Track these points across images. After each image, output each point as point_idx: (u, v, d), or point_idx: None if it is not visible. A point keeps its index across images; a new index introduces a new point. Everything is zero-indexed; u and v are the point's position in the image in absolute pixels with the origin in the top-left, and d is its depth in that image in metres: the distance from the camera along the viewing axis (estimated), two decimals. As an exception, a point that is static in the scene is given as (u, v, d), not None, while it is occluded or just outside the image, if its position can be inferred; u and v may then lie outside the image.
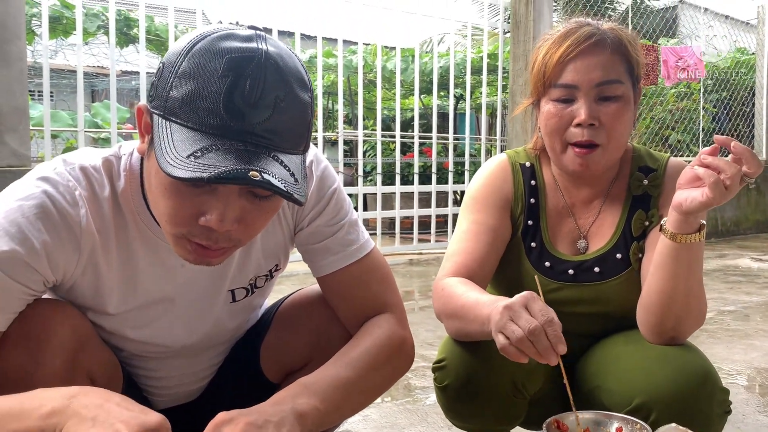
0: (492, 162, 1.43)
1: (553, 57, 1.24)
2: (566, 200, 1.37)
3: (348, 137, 7.06)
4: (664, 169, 1.35)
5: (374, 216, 5.40)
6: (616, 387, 1.19)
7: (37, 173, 0.96)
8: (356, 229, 1.14)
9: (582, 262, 1.32)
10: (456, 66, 6.09)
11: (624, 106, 1.25)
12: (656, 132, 7.65)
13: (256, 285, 1.16)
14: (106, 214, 0.98)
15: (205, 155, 0.79)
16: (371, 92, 8.46)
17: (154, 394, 1.20)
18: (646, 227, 1.32)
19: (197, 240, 0.89)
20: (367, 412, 2.10)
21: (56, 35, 7.04)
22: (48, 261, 0.92)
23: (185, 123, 0.82)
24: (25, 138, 3.55)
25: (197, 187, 0.85)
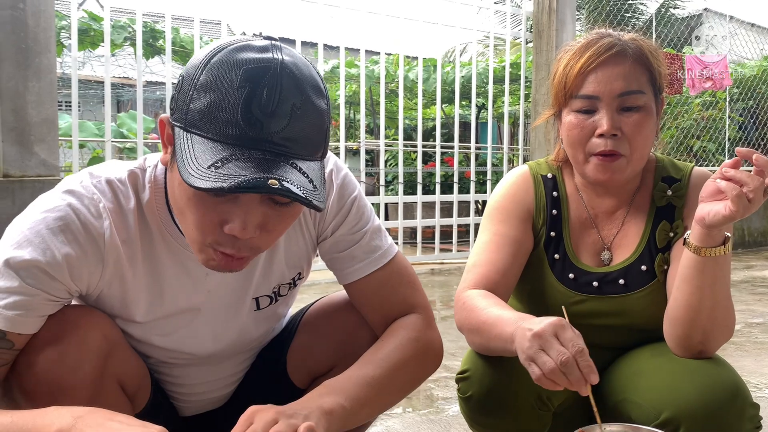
0: (514, 173, 1.43)
1: (574, 68, 1.25)
2: (589, 211, 1.36)
3: (370, 147, 7.08)
4: (688, 179, 1.34)
5: (396, 225, 5.40)
6: (644, 401, 1.17)
7: (63, 186, 0.99)
8: (380, 235, 1.15)
9: (606, 273, 1.31)
10: (478, 75, 6.09)
11: (646, 117, 1.24)
12: (681, 141, 7.57)
13: (280, 293, 1.18)
14: (131, 225, 1.00)
15: (225, 165, 0.81)
16: (393, 102, 8.48)
17: (181, 401, 1.21)
18: (670, 238, 1.30)
19: (222, 249, 0.91)
20: (390, 423, 2.10)
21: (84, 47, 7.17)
22: (70, 272, 0.94)
23: (205, 134, 0.84)
24: (53, 148, 3.62)
25: (219, 197, 0.87)
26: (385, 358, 1.06)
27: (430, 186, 5.91)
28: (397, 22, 5.26)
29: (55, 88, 3.60)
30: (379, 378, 1.03)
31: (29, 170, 3.50)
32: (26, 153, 3.51)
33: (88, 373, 0.95)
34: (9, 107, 3.45)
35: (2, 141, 3.46)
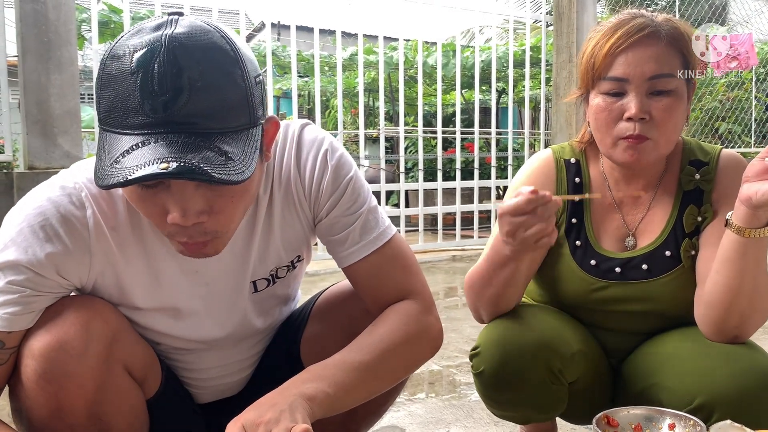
0: (536, 158, 1.40)
1: (603, 48, 1.21)
2: (614, 196, 1.34)
3: (389, 134, 7.06)
4: (716, 162, 1.30)
5: (416, 212, 5.39)
6: (676, 385, 1.15)
7: (50, 180, 1.00)
8: (376, 216, 1.12)
9: (629, 259, 1.29)
10: (498, 60, 6.03)
11: (677, 101, 1.20)
12: (706, 123, 7.43)
13: (278, 275, 1.17)
14: (120, 211, 1.01)
15: (126, 157, 0.80)
16: (412, 88, 8.44)
17: (196, 387, 1.22)
18: (698, 223, 1.28)
19: (178, 239, 0.91)
20: (413, 408, 2.11)
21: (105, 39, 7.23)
22: (56, 269, 0.96)
23: (114, 129, 0.83)
24: (77, 140, 3.66)
25: (149, 188, 0.86)
26: (374, 344, 1.04)
27: (451, 172, 5.88)
28: (416, 7, 5.22)
29: (77, 80, 3.64)
30: (367, 363, 1.01)
31: (53, 162, 3.55)
32: (50, 145, 3.56)
33: (92, 360, 0.95)
34: (32, 100, 3.49)
35: (27, 133, 3.51)
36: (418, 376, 2.44)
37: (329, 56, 8.40)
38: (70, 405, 0.94)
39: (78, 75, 3.67)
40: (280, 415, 0.87)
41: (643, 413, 1.01)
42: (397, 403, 2.15)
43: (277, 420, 0.86)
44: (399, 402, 2.16)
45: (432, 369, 2.50)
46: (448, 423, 1.97)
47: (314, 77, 4.92)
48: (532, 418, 1.34)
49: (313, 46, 4.96)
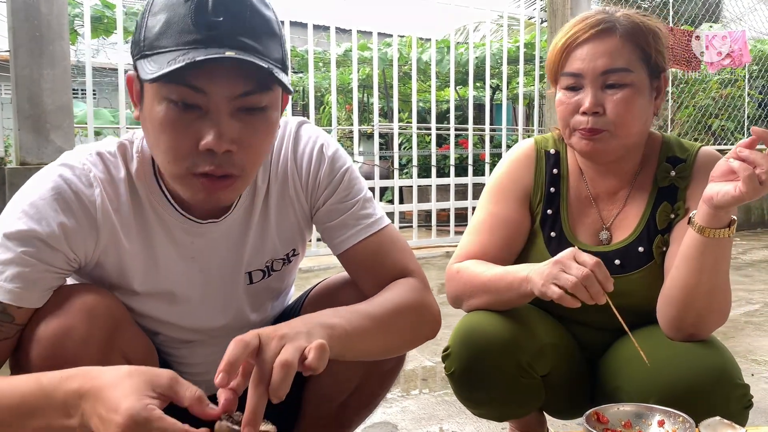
0: (517, 149, 1.41)
1: (558, 45, 1.26)
2: (590, 190, 1.35)
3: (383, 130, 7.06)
4: (693, 159, 1.31)
5: (410, 209, 5.39)
6: (633, 388, 1.17)
7: (56, 161, 1.02)
8: (371, 204, 1.16)
9: (603, 254, 1.30)
10: (492, 56, 6.02)
11: (633, 94, 1.21)
12: (699, 120, 7.45)
13: (273, 268, 1.18)
14: (122, 194, 1.03)
15: (183, 57, 0.86)
16: (406, 84, 8.44)
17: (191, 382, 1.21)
18: (671, 220, 1.29)
19: (201, 169, 0.92)
20: (406, 404, 2.11)
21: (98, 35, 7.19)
22: (67, 240, 0.97)
23: (163, 49, 0.88)
24: (69, 135, 3.65)
25: (189, 113, 0.90)
26: (384, 302, 1.05)
27: (445, 169, 5.87)
28: (410, 3, 5.21)
29: (69, 75, 3.62)
30: (379, 316, 1.02)
31: (45, 158, 3.53)
32: (42, 140, 3.54)
33: (95, 346, 0.95)
34: (24, 95, 3.47)
35: (19, 129, 3.49)
36: (411, 372, 2.44)
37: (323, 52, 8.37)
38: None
39: (70, 70, 3.65)
40: (297, 335, 0.86)
41: (632, 410, 1.02)
42: (390, 400, 2.15)
43: (293, 338, 0.85)
44: (392, 398, 2.17)
45: (425, 365, 2.51)
46: (440, 419, 1.98)
47: (308, 73, 4.91)
48: (510, 414, 1.34)
49: (307, 42, 4.95)
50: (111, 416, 0.75)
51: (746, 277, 4.32)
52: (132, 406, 0.74)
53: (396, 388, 2.27)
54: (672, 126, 7.33)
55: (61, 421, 0.80)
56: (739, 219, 7.06)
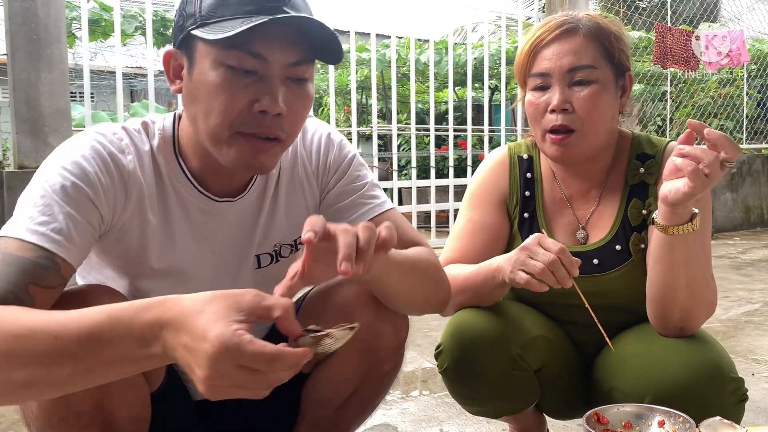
0: (492, 156, 1.45)
1: (526, 47, 1.28)
2: (563, 192, 1.37)
3: (382, 131, 7.06)
4: (662, 154, 1.33)
5: (409, 210, 5.39)
6: (628, 388, 1.18)
7: (85, 131, 1.05)
8: (378, 188, 1.21)
9: (581, 253, 1.31)
10: (490, 57, 6.02)
11: (599, 91, 1.24)
12: (698, 119, 7.45)
13: (281, 254, 1.19)
14: (147, 166, 1.06)
15: (247, 20, 0.92)
16: (405, 86, 8.42)
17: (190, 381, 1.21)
18: (644, 216, 1.30)
19: (251, 129, 0.97)
20: (405, 406, 2.11)
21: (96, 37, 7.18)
22: (103, 192, 1.00)
23: (223, 18, 0.94)
24: (67, 138, 3.64)
25: (246, 77, 0.96)
26: (409, 253, 1.08)
27: (444, 170, 5.86)
28: (408, 3, 5.21)
29: (67, 78, 3.62)
30: (404, 259, 1.04)
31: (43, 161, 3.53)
32: (40, 144, 3.54)
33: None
34: (22, 98, 3.47)
35: (17, 132, 3.49)
36: (412, 374, 2.44)
37: (322, 54, 8.37)
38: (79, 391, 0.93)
39: (68, 73, 3.64)
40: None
41: (633, 410, 1.01)
42: (390, 401, 2.15)
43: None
44: (392, 400, 2.16)
45: (425, 367, 2.50)
46: (440, 421, 1.97)
47: (306, 75, 4.89)
48: (505, 410, 1.35)
49: (305, 44, 4.94)
50: (199, 345, 0.71)
51: (746, 276, 4.31)
52: (221, 332, 0.70)
53: (396, 389, 2.26)
54: (671, 126, 7.33)
55: (141, 351, 0.76)
56: (739, 218, 7.08)
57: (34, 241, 0.91)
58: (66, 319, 0.78)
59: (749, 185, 7.05)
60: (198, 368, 0.71)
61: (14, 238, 0.91)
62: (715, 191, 6.76)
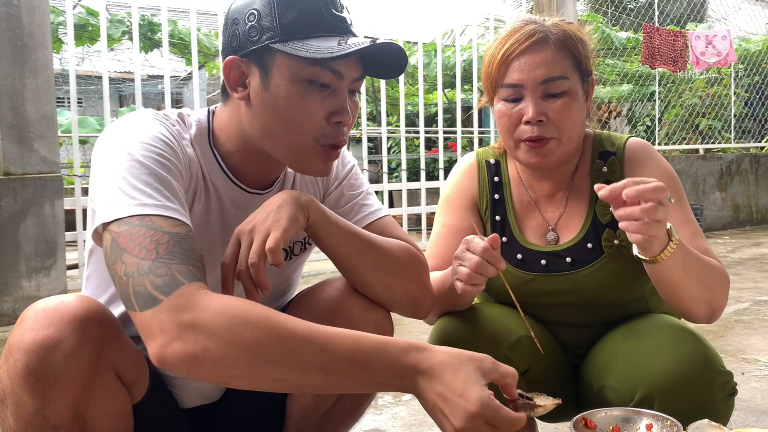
0: (461, 162, 1.47)
1: (497, 57, 1.27)
2: (530, 195, 1.39)
3: (372, 134, 7.06)
4: (623, 151, 1.34)
5: (400, 212, 5.38)
6: (619, 384, 1.19)
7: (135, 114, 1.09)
8: (374, 197, 1.28)
9: (554, 252, 1.33)
10: (479, 58, 6.04)
11: (571, 101, 1.26)
12: (686, 119, 7.49)
13: (293, 252, 1.23)
14: (189, 153, 1.10)
15: (342, 44, 1.01)
16: (394, 88, 8.43)
17: (180, 389, 1.20)
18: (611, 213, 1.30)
19: (328, 140, 1.06)
20: (397, 410, 2.09)
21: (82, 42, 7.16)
22: (177, 159, 1.04)
23: (307, 36, 1.02)
24: (53, 145, 3.61)
25: (323, 90, 1.04)
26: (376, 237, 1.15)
27: (434, 172, 5.87)
28: (396, 5, 5.21)
29: (52, 84, 3.59)
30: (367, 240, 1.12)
31: (30, 168, 3.49)
32: (26, 150, 3.50)
33: (84, 361, 0.93)
34: (7, 105, 3.43)
35: (2, 139, 3.45)
36: (402, 377, 2.42)
37: (311, 57, 8.37)
38: (56, 404, 0.91)
39: (53, 79, 3.61)
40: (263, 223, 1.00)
41: (620, 414, 1.01)
42: (380, 406, 2.14)
43: (263, 221, 1.01)
44: (382, 405, 2.15)
45: (415, 370, 2.49)
46: (431, 425, 1.96)
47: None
48: None
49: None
50: (458, 401, 0.87)
51: (735, 275, 4.33)
52: (481, 396, 0.86)
53: (387, 394, 2.25)
54: (660, 126, 7.36)
55: (394, 382, 0.90)
56: (728, 217, 7.11)
57: (177, 216, 0.95)
58: (333, 335, 0.90)
59: (738, 184, 7.09)
60: (454, 419, 0.87)
61: (157, 215, 0.94)
62: (705, 191, 6.80)
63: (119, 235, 0.93)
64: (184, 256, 0.92)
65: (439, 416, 0.89)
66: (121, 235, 0.93)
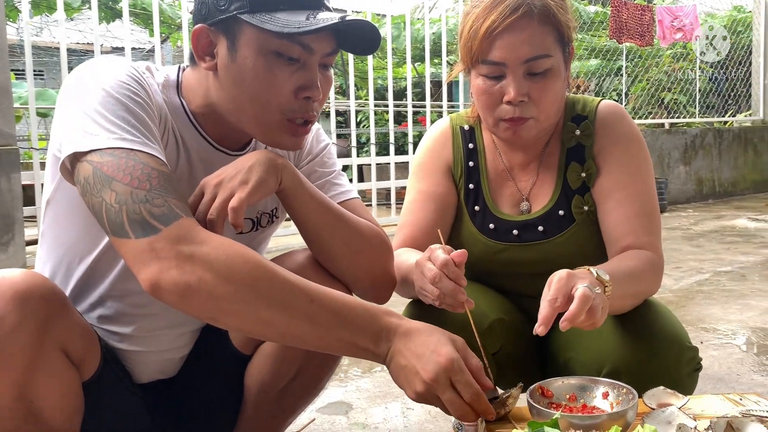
0: (434, 127, 1.44)
1: (480, 31, 1.20)
2: (505, 163, 1.37)
3: (341, 108, 6.99)
4: (594, 114, 1.32)
5: (369, 187, 5.36)
6: (586, 358, 1.18)
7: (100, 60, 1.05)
8: (345, 178, 1.26)
9: (525, 221, 1.31)
10: (449, 32, 5.99)
11: (553, 78, 1.22)
12: (652, 94, 7.57)
13: (260, 223, 1.20)
14: (159, 102, 1.07)
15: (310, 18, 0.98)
16: (363, 62, 8.33)
17: (135, 363, 1.16)
18: (583, 179, 1.30)
19: (297, 114, 1.03)
20: (361, 383, 2.10)
21: (41, 11, 6.92)
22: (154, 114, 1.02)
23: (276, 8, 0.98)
24: (8, 116, 3.50)
25: (291, 64, 1.01)
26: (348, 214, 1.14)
27: (404, 146, 5.84)
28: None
29: (5, 53, 3.46)
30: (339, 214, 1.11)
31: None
32: (-21, 122, 3.39)
33: (25, 337, 0.89)
34: (-42, 75, 3.31)
35: (-46, 111, 3.33)
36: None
37: (279, 29, 8.21)
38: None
39: (7, 48, 3.48)
40: (232, 180, 0.99)
41: (577, 383, 1.01)
42: (345, 378, 2.14)
43: (231, 178, 0.99)
44: (347, 377, 2.15)
45: (382, 343, 2.50)
46: (396, 396, 1.97)
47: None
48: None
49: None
50: (432, 356, 0.90)
51: (697, 247, 4.42)
52: (452, 354, 0.91)
53: (353, 367, 2.25)
54: (626, 100, 7.42)
55: (367, 344, 0.93)
56: (691, 191, 7.23)
57: (160, 156, 0.95)
58: (323, 289, 0.94)
59: (701, 158, 7.21)
60: (423, 372, 0.90)
61: (141, 151, 0.93)
62: (670, 165, 6.90)
63: (103, 165, 0.91)
64: (177, 192, 0.93)
65: (409, 375, 0.92)
66: (105, 165, 0.91)
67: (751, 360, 2.25)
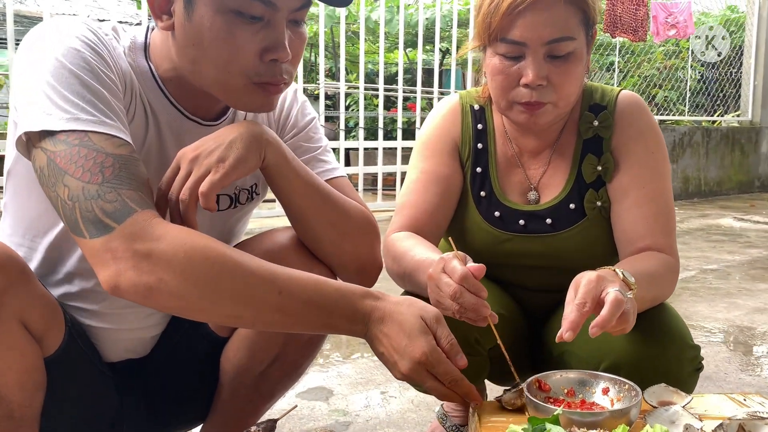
0: (443, 104, 1.35)
1: (501, 7, 1.12)
2: (515, 149, 1.29)
3: (330, 90, 6.89)
4: (614, 105, 1.25)
5: (356, 172, 5.28)
6: (583, 352, 1.12)
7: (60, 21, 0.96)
8: (332, 155, 1.19)
9: (533, 212, 1.25)
10: (442, 18, 5.91)
11: (575, 63, 1.14)
12: (643, 90, 7.55)
13: (239, 199, 1.14)
14: (123, 65, 1.00)
15: None
16: (354, 44, 8.24)
17: (104, 341, 1.09)
18: (599, 173, 1.23)
19: (265, 79, 0.95)
20: (343, 369, 2.04)
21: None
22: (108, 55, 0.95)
23: None
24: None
25: (254, 22, 0.92)
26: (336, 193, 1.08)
27: (392, 132, 5.78)
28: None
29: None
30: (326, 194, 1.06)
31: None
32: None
33: None
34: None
35: (-72, 73, 3.21)
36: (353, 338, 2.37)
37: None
38: None
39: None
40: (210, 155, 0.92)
41: (576, 377, 0.96)
42: (326, 364, 2.08)
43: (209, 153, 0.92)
44: (329, 362, 2.10)
45: (365, 329, 2.44)
46: (378, 383, 1.92)
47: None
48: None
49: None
50: (407, 350, 0.90)
51: (684, 245, 4.41)
52: (425, 345, 0.90)
53: (335, 352, 2.20)
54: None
55: (345, 326, 0.93)
56: (678, 189, 7.23)
57: (117, 134, 0.88)
58: (291, 277, 0.90)
59: (689, 156, 7.21)
60: (401, 365, 0.92)
61: (95, 132, 0.86)
62: (657, 162, 6.89)
63: (56, 155, 0.85)
64: (133, 181, 0.87)
65: (388, 364, 0.94)
66: (58, 155, 0.85)
67: (738, 359, 2.23)
